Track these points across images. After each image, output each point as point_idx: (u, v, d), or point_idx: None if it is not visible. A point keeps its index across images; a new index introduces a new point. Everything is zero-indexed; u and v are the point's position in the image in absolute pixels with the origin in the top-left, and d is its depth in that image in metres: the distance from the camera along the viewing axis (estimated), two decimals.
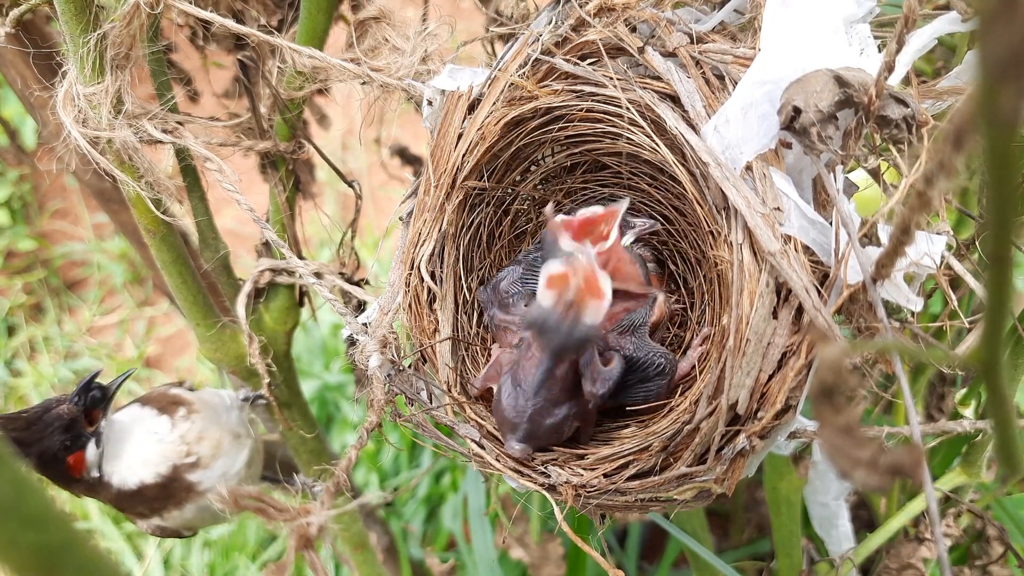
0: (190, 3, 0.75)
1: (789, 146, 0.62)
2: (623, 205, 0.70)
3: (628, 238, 0.80)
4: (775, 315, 0.61)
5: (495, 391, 0.73)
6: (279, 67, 0.78)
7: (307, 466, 1.07)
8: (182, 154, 0.85)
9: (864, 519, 1.31)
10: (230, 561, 1.88)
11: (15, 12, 0.77)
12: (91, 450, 0.79)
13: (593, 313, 0.61)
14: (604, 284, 0.62)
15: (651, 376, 0.74)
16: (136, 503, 0.83)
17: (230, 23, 0.76)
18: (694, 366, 0.78)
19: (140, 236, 0.84)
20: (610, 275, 0.72)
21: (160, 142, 0.76)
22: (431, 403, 0.75)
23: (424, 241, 0.78)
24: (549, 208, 0.68)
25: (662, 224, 0.86)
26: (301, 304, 1.01)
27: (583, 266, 0.62)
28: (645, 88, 0.70)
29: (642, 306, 0.76)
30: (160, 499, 0.84)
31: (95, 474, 0.80)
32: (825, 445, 0.31)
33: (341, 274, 0.88)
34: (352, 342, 0.78)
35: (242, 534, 1.90)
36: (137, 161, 0.75)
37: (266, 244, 0.97)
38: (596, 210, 0.71)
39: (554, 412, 0.70)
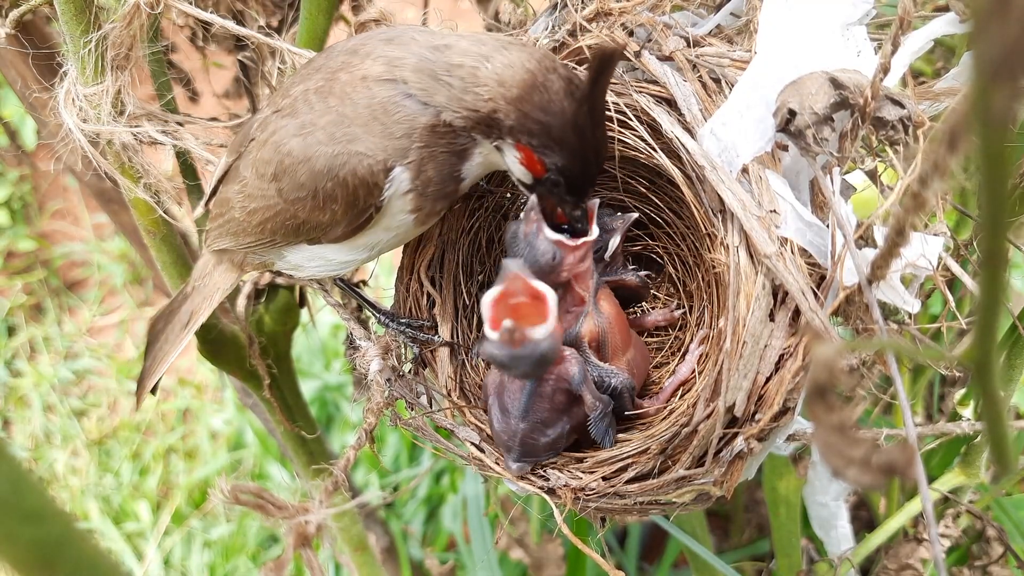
0: (190, 4, 0.75)
1: (785, 148, 0.62)
2: (595, 202, 0.70)
3: (615, 239, 0.79)
4: (772, 317, 0.61)
5: (488, 413, 0.73)
6: (279, 68, 0.79)
7: (306, 466, 1.07)
8: (182, 155, 0.85)
9: (864, 519, 1.31)
10: (230, 562, 1.88)
11: (15, 13, 0.77)
12: None
13: (540, 326, 0.61)
14: (544, 290, 0.63)
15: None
16: None
17: (230, 24, 0.76)
18: (693, 370, 0.77)
19: (140, 236, 0.84)
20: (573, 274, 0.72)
21: (160, 143, 0.76)
22: (431, 407, 0.75)
23: (424, 246, 0.78)
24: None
25: (660, 224, 0.86)
26: (301, 305, 1.01)
27: (519, 283, 0.63)
28: (641, 92, 0.70)
29: (573, 324, 0.75)
30: None
31: None
32: (819, 443, 0.31)
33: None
34: (352, 344, 0.78)
35: (242, 535, 1.91)
36: (137, 163, 0.75)
37: None
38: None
39: (546, 432, 0.70)
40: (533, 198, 0.69)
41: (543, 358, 0.62)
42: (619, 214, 0.81)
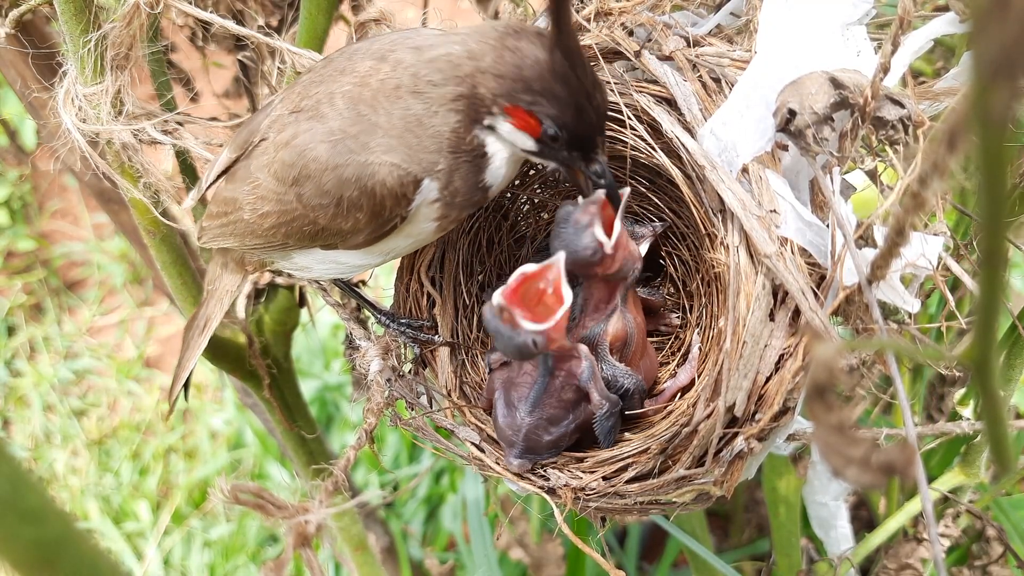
0: (190, 3, 0.75)
1: (785, 148, 0.62)
2: (626, 191, 0.69)
3: (644, 246, 0.81)
4: (772, 317, 0.61)
5: (492, 407, 0.73)
6: (279, 67, 0.79)
7: (306, 466, 1.07)
8: (182, 154, 0.85)
9: (864, 519, 1.31)
10: (230, 561, 1.88)
11: (15, 12, 0.77)
12: None
13: (533, 323, 0.62)
14: (567, 296, 0.63)
15: (621, 398, 0.73)
16: None
17: (230, 24, 0.76)
18: (693, 378, 0.77)
19: (140, 236, 0.84)
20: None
21: (160, 143, 0.76)
22: (431, 407, 0.75)
23: (424, 247, 0.78)
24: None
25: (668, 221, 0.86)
26: (301, 305, 1.01)
27: (554, 274, 0.64)
28: (641, 92, 0.70)
29: (599, 321, 0.75)
30: None
31: None
32: (819, 443, 0.31)
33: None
34: (351, 344, 0.78)
35: (242, 535, 1.91)
36: (137, 162, 0.75)
37: None
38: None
39: (551, 430, 0.70)
40: (599, 193, 0.67)
41: (517, 349, 0.63)
42: (647, 222, 0.82)
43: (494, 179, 0.66)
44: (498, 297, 0.62)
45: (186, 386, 0.80)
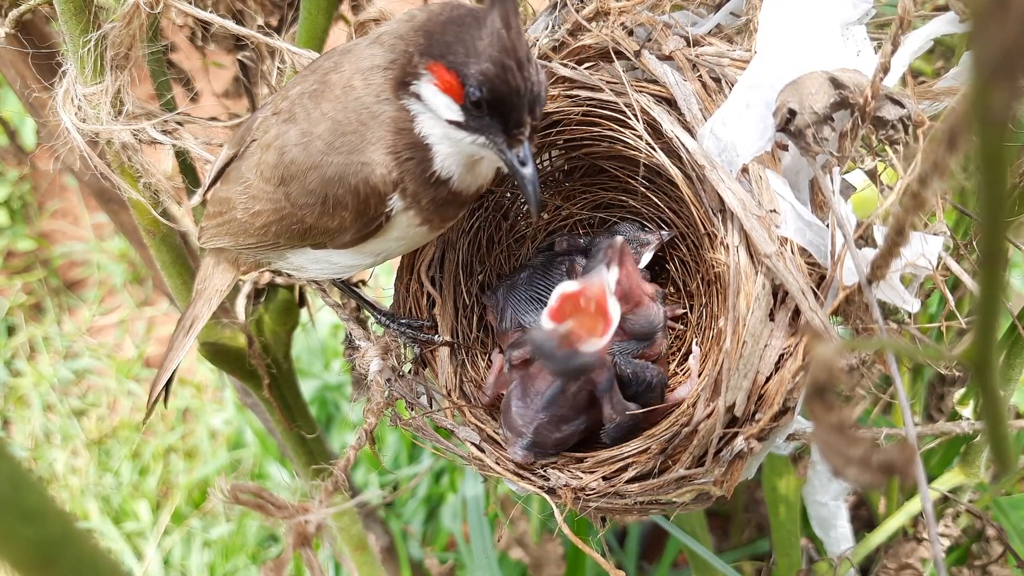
0: (190, 3, 0.75)
1: (785, 148, 0.62)
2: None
3: (646, 256, 0.81)
4: (772, 317, 0.61)
5: (505, 396, 0.73)
6: (279, 67, 0.79)
7: (306, 466, 1.07)
8: (182, 154, 0.85)
9: (864, 518, 1.31)
10: (230, 561, 1.88)
11: (15, 12, 0.77)
12: None
13: (591, 344, 0.61)
14: (613, 311, 0.62)
15: (642, 392, 0.73)
16: None
17: (229, 24, 0.76)
18: (696, 393, 0.78)
19: (140, 236, 0.84)
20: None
21: (160, 143, 0.76)
22: (431, 407, 0.75)
23: (424, 246, 0.78)
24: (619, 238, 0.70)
25: (660, 224, 0.86)
26: (301, 305, 1.01)
27: (596, 290, 0.63)
28: (641, 92, 0.70)
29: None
30: None
31: None
32: (818, 443, 0.31)
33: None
34: (351, 344, 0.78)
35: (242, 534, 1.91)
36: (136, 162, 0.75)
37: None
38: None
39: (561, 428, 0.70)
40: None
41: (575, 369, 0.62)
42: (653, 229, 0.82)
43: (448, 170, 0.62)
44: (558, 325, 0.60)
45: (167, 387, 0.78)
